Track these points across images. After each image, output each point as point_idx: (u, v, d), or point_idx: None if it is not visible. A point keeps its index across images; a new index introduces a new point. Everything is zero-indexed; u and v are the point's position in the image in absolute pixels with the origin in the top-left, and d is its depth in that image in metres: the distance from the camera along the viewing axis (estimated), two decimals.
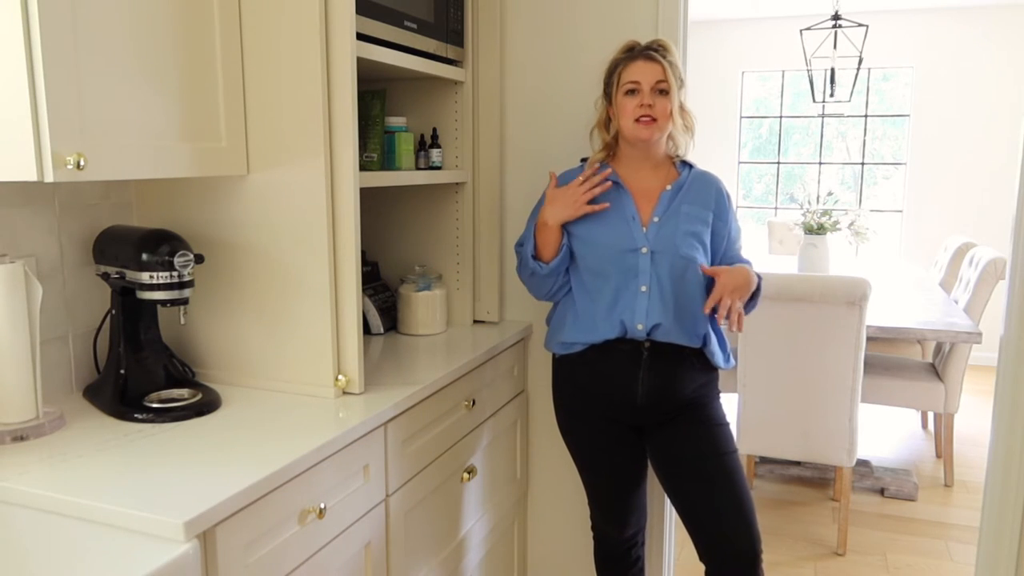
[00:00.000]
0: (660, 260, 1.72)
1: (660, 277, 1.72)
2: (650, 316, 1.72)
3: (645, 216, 1.76)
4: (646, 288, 1.72)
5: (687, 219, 1.75)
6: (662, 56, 1.70)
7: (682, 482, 1.80)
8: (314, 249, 1.55)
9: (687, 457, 1.78)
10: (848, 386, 2.81)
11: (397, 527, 1.61)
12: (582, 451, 1.93)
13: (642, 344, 1.75)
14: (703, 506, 1.76)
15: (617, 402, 1.80)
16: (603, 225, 1.75)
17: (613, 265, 1.74)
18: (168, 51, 1.37)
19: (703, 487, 1.76)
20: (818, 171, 6.22)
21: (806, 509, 3.29)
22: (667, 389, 1.76)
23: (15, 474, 1.18)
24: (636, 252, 1.73)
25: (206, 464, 1.23)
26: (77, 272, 1.59)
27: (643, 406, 1.78)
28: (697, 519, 1.77)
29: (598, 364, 1.80)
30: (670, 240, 1.72)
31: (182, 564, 1.03)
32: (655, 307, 1.72)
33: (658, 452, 1.83)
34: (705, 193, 1.79)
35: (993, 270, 3.43)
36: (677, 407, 1.78)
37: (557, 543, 2.37)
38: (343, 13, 1.48)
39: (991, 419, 1.81)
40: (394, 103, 2.11)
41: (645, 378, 1.76)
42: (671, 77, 1.69)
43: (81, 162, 1.18)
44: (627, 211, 1.76)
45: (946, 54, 5.59)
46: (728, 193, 1.84)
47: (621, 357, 1.77)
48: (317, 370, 1.58)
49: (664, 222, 1.74)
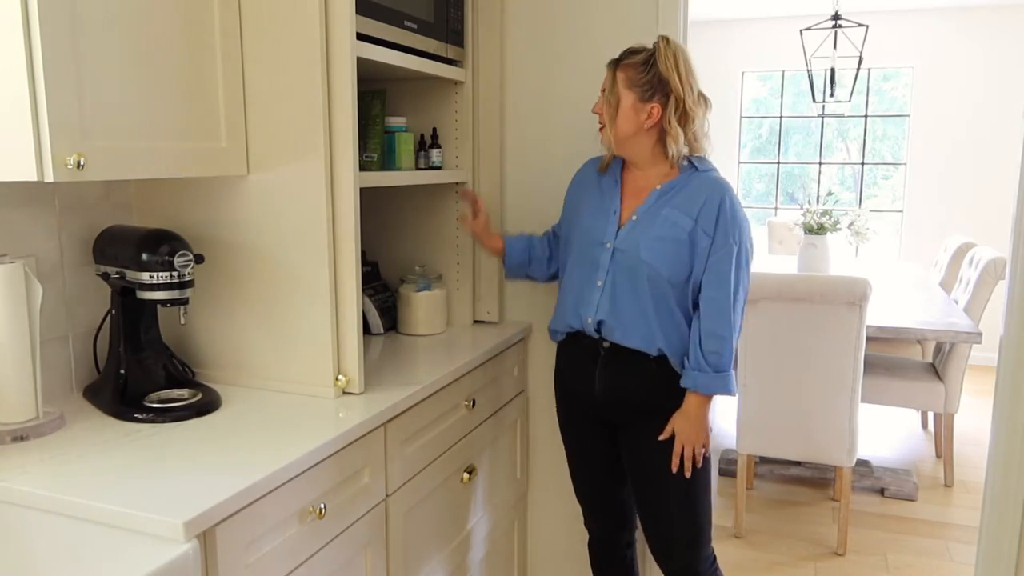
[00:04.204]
0: (620, 258, 1.72)
1: (615, 275, 1.73)
2: (598, 311, 1.75)
3: (627, 213, 1.76)
4: (601, 283, 1.75)
5: (663, 223, 1.69)
6: (618, 61, 1.72)
7: (635, 491, 1.88)
8: (314, 249, 1.55)
9: (634, 472, 1.85)
10: (848, 386, 2.81)
11: (397, 527, 1.61)
12: (567, 441, 1.99)
13: (600, 342, 1.78)
14: (645, 521, 1.87)
15: (582, 396, 1.86)
16: (587, 217, 1.80)
17: (584, 256, 1.79)
18: (168, 51, 1.37)
19: (644, 508, 1.85)
20: (818, 171, 6.22)
21: (806, 509, 3.29)
22: (622, 390, 1.78)
23: (15, 474, 1.18)
24: (602, 246, 1.75)
25: (206, 464, 1.23)
26: (77, 272, 1.59)
27: (603, 403, 1.82)
28: (644, 529, 1.89)
29: (567, 356, 1.89)
30: (636, 241, 1.71)
31: (182, 564, 1.03)
32: (604, 303, 1.74)
33: (623, 454, 1.88)
34: (692, 200, 1.69)
35: (993, 270, 3.43)
36: (641, 411, 1.78)
37: (557, 543, 2.37)
38: (343, 13, 1.48)
39: (991, 419, 1.81)
40: (394, 103, 2.11)
41: (601, 375, 1.79)
42: (611, 83, 1.70)
43: (81, 162, 1.18)
44: (611, 205, 1.78)
45: (946, 54, 5.59)
46: (731, 207, 1.68)
47: (582, 353, 1.82)
48: (317, 370, 1.58)
49: (639, 222, 1.73)
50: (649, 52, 1.69)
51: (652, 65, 1.68)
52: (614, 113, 1.71)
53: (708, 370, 1.69)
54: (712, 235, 1.68)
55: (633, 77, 1.68)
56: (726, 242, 1.68)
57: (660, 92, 1.68)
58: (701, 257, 1.69)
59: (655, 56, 1.68)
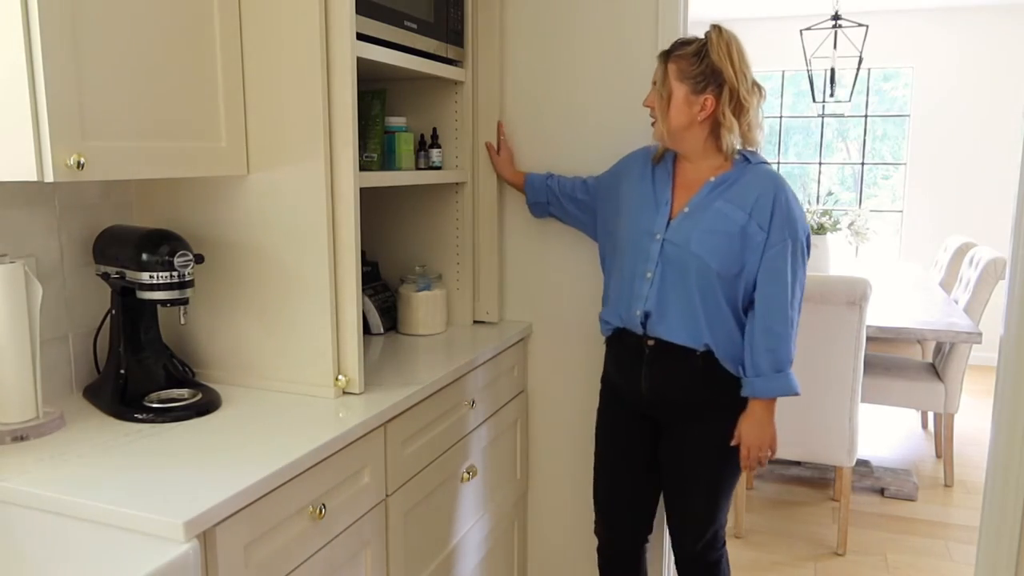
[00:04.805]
0: (670, 250, 1.70)
1: (664, 267, 1.71)
2: (647, 303, 1.73)
3: (678, 205, 1.74)
4: (650, 275, 1.73)
5: (714, 216, 1.68)
6: (668, 53, 1.70)
7: (666, 482, 1.89)
8: (314, 249, 1.55)
9: (670, 464, 1.86)
10: (848, 386, 2.81)
11: (397, 527, 1.61)
12: (605, 443, 1.96)
13: (644, 340, 1.76)
14: (671, 508, 1.90)
15: (629, 395, 1.85)
16: (635, 207, 1.79)
17: (631, 247, 1.77)
18: (168, 51, 1.37)
19: (673, 499, 1.88)
20: (818, 171, 6.22)
21: (806, 509, 3.29)
22: (668, 388, 1.78)
23: (15, 474, 1.18)
24: (651, 237, 1.73)
25: (206, 464, 1.23)
26: (77, 272, 1.59)
27: (649, 402, 1.81)
28: (669, 516, 1.92)
29: (613, 356, 1.88)
30: (687, 233, 1.69)
31: (182, 564, 1.03)
32: (652, 295, 1.73)
33: (662, 449, 1.87)
34: (746, 194, 1.67)
35: (993, 270, 3.43)
36: (685, 409, 1.78)
37: (557, 543, 2.37)
38: (343, 13, 1.48)
39: (991, 419, 1.81)
40: (394, 103, 2.11)
41: (647, 374, 1.78)
42: (663, 75, 1.68)
43: (81, 162, 1.18)
44: (662, 197, 1.76)
45: (946, 54, 5.59)
46: (786, 202, 1.66)
47: (628, 352, 1.81)
48: (317, 370, 1.58)
49: (691, 214, 1.71)
50: (701, 43, 1.67)
51: (704, 56, 1.66)
52: (666, 106, 1.68)
53: (767, 372, 1.67)
54: (767, 230, 1.66)
55: (685, 69, 1.66)
56: (782, 237, 1.66)
57: (713, 83, 1.66)
58: (755, 252, 1.67)
59: (707, 47, 1.66)
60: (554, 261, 2.23)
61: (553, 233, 2.20)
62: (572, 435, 2.29)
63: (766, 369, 1.67)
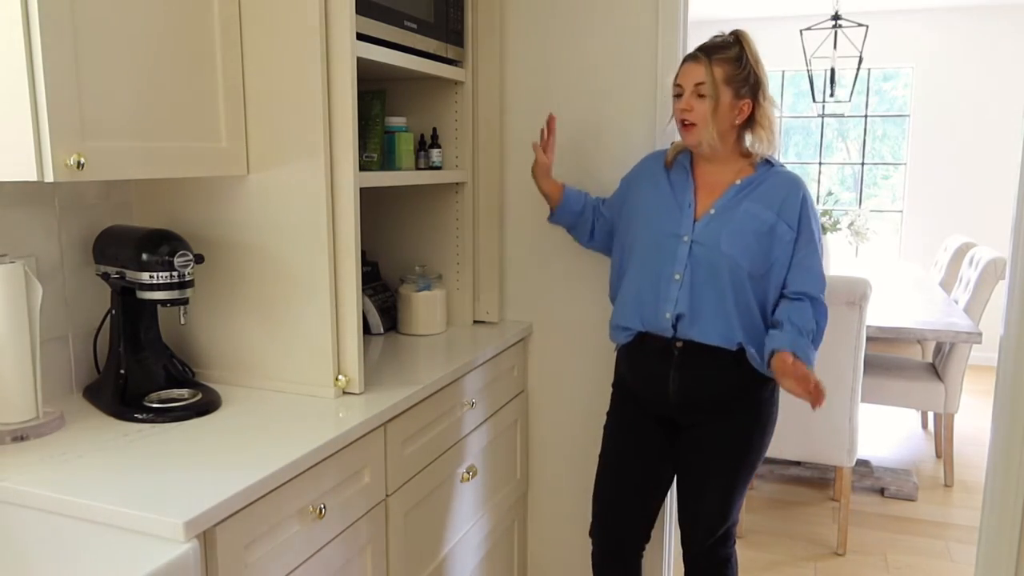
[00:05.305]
0: (699, 252, 1.70)
1: (693, 269, 1.70)
2: (678, 306, 1.72)
3: (702, 207, 1.74)
4: (679, 277, 1.72)
5: (744, 217, 1.69)
6: (709, 56, 1.67)
7: (682, 481, 1.88)
8: (314, 249, 1.55)
9: (688, 463, 1.85)
10: (848, 386, 2.81)
11: (397, 527, 1.61)
12: (616, 445, 1.92)
13: (673, 343, 1.75)
14: (685, 506, 1.89)
15: (651, 400, 1.83)
16: (656, 210, 1.78)
17: (655, 249, 1.75)
18: (168, 51, 1.37)
19: (687, 499, 1.87)
20: (818, 171, 6.22)
21: (806, 509, 3.29)
22: (699, 390, 1.77)
23: (15, 474, 1.18)
24: (678, 239, 1.72)
25: (206, 464, 1.23)
26: (77, 272, 1.59)
27: (676, 404, 1.79)
28: (681, 514, 1.91)
29: (632, 361, 1.85)
30: (716, 234, 1.69)
31: (182, 564, 1.03)
32: (683, 298, 1.71)
33: (681, 450, 1.86)
34: (773, 193, 1.70)
35: (993, 270, 3.43)
36: (713, 409, 1.78)
37: (557, 543, 2.37)
38: (343, 13, 1.48)
39: (991, 419, 1.81)
40: (394, 103, 2.11)
41: (675, 377, 1.76)
42: (711, 78, 1.65)
43: (81, 162, 1.18)
44: (684, 199, 1.75)
45: (946, 54, 5.59)
46: (811, 203, 1.72)
47: (652, 357, 1.79)
48: (317, 370, 1.58)
49: (718, 215, 1.71)
50: (739, 47, 1.67)
51: (746, 62, 1.67)
52: (715, 111, 1.66)
53: (804, 342, 1.65)
54: (796, 229, 1.69)
55: (730, 73, 1.66)
56: (811, 237, 1.70)
57: (750, 88, 1.68)
58: (784, 250, 1.69)
59: (745, 51, 1.67)
60: (554, 261, 2.23)
61: (553, 233, 2.20)
62: (572, 435, 2.29)
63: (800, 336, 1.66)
